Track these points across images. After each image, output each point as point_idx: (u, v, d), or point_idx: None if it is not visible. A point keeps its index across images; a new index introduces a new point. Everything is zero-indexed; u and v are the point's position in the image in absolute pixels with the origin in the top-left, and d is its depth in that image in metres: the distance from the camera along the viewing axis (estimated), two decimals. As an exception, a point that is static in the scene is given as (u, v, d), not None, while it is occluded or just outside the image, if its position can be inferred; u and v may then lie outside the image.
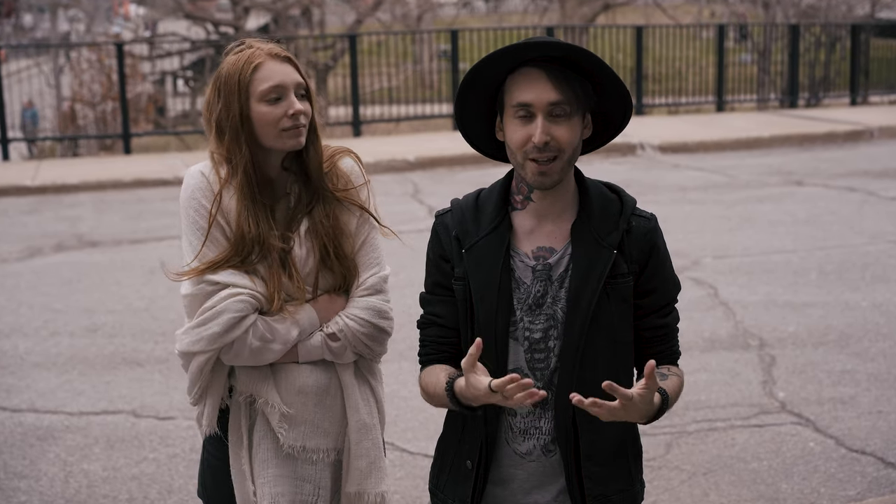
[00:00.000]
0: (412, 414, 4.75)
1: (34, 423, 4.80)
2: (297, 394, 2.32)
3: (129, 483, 4.20)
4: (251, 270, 2.29)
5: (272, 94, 2.25)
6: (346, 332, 2.32)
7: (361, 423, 2.38)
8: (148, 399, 5.05)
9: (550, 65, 2.01)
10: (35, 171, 11.67)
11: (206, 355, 2.27)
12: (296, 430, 2.33)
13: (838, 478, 4.12)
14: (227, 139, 2.27)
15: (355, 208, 2.35)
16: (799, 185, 10.10)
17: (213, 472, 2.43)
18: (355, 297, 2.35)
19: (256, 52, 2.27)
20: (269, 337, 2.26)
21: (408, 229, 8.22)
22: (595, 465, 2.09)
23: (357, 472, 2.38)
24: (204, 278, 2.27)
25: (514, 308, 2.08)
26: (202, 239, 2.27)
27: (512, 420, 2.11)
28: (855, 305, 6.25)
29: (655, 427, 4.57)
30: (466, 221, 2.11)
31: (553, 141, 2.00)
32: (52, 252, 8.10)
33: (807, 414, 4.74)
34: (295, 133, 2.27)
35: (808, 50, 17.17)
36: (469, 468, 2.12)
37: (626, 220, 2.09)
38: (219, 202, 2.28)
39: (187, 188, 2.31)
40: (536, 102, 1.99)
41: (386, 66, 15.64)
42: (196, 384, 2.32)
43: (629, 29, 16.02)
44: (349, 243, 2.34)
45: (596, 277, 2.04)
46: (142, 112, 16.91)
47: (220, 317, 2.24)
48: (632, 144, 12.13)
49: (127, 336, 5.97)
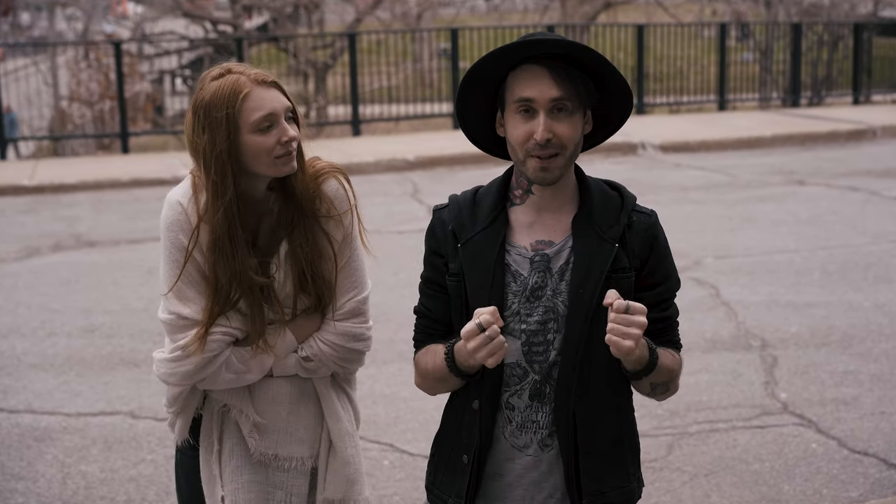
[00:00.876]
0: (412, 415, 4.74)
1: (31, 425, 4.78)
2: (270, 402, 2.35)
3: (127, 484, 4.18)
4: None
5: (264, 123, 2.21)
6: (319, 356, 2.35)
7: (344, 431, 2.39)
8: (146, 400, 5.04)
9: (552, 61, 2.01)
10: (32, 170, 11.65)
11: (179, 388, 2.33)
12: (268, 439, 2.35)
13: (841, 479, 4.11)
14: (212, 173, 2.21)
15: (337, 232, 2.33)
16: (801, 185, 10.08)
17: (186, 475, 2.46)
18: (331, 320, 2.36)
19: (242, 79, 2.20)
20: (242, 368, 2.30)
21: (407, 229, 8.21)
22: (592, 460, 2.09)
23: (343, 479, 2.40)
24: (174, 310, 2.27)
25: (507, 303, 2.08)
26: (177, 274, 2.27)
27: (510, 414, 2.11)
28: (857, 306, 6.23)
29: (657, 428, 4.56)
30: (463, 216, 2.12)
31: (555, 137, 2.01)
32: (49, 252, 8.08)
33: (809, 415, 4.72)
34: (288, 159, 2.25)
35: (811, 49, 17.13)
36: (465, 462, 2.12)
37: (626, 215, 2.10)
38: (196, 237, 2.26)
39: (165, 219, 2.29)
40: (539, 98, 1.99)
41: (385, 64, 15.61)
42: (173, 405, 2.38)
43: (630, 27, 16.00)
44: (328, 267, 2.33)
45: (598, 271, 2.05)
46: (140, 111, 16.89)
47: (194, 356, 2.26)
48: (633, 144, 12.11)
49: (125, 336, 5.96)
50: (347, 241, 2.35)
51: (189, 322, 2.26)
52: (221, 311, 2.27)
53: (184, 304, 2.26)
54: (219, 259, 2.24)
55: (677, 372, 2.16)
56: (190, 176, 2.30)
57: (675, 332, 2.20)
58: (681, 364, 2.18)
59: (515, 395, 2.10)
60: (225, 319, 2.27)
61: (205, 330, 2.25)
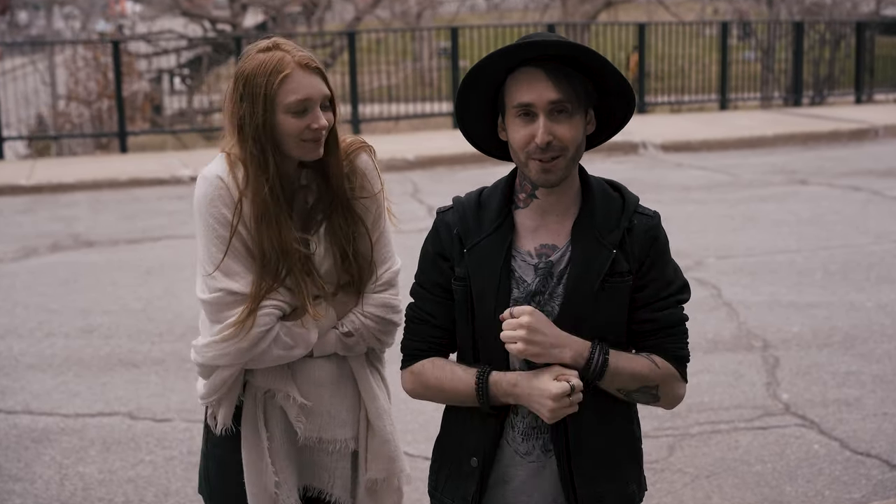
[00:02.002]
0: (412, 416, 4.72)
1: (29, 426, 4.77)
2: (314, 385, 2.36)
3: (126, 486, 4.16)
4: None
5: (299, 106, 2.23)
6: (361, 329, 2.36)
7: (381, 409, 2.42)
8: (144, 401, 5.02)
9: (550, 63, 1.99)
10: (30, 170, 11.65)
11: (231, 369, 2.28)
12: (312, 422, 2.37)
13: (843, 480, 4.09)
14: (250, 145, 2.23)
15: (372, 207, 2.37)
16: (803, 185, 10.07)
17: (220, 466, 2.42)
18: (371, 293, 2.38)
19: (287, 59, 2.23)
20: (291, 343, 2.29)
21: (407, 229, 8.16)
22: (585, 463, 2.09)
23: (385, 457, 2.43)
24: (221, 286, 2.25)
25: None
26: (223, 249, 2.25)
27: (514, 419, 2.11)
28: (860, 306, 6.21)
29: (658, 429, 4.55)
30: (468, 220, 2.11)
31: (556, 140, 1.99)
32: (47, 252, 8.06)
33: (811, 416, 4.70)
34: (315, 146, 2.26)
35: (813, 47, 17.10)
36: (473, 466, 2.12)
37: (627, 219, 2.08)
38: (240, 211, 2.25)
39: (205, 196, 2.26)
40: (537, 102, 1.98)
41: (385, 63, 15.57)
42: (215, 394, 2.32)
43: (631, 26, 15.98)
44: (365, 242, 2.36)
45: (593, 276, 2.04)
46: (138, 110, 16.84)
47: (249, 332, 2.23)
48: (634, 143, 12.09)
49: (123, 337, 5.94)
50: (379, 214, 2.39)
51: (239, 297, 2.24)
52: (271, 287, 2.25)
53: (232, 280, 2.24)
54: (265, 232, 2.24)
55: (654, 379, 2.07)
56: (223, 154, 2.30)
57: (674, 340, 2.11)
58: (665, 374, 2.09)
59: None
60: (274, 293, 2.26)
61: (255, 304, 2.23)
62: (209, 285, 2.26)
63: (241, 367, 2.29)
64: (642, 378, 2.06)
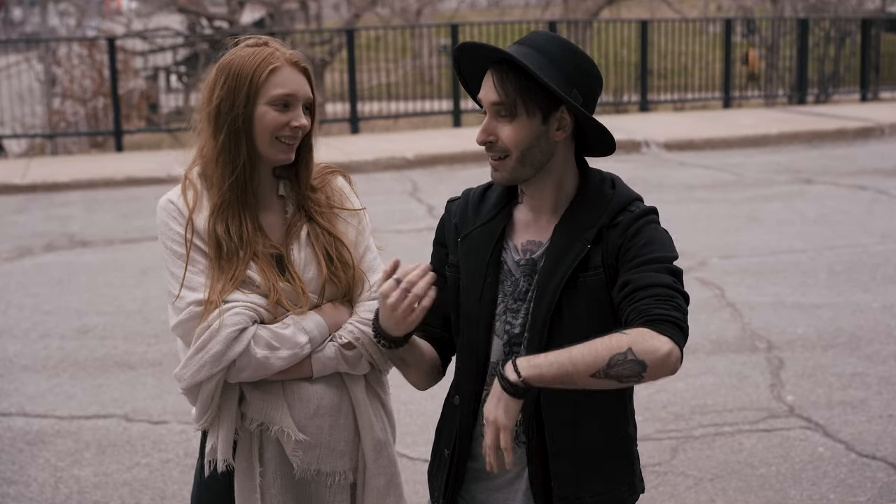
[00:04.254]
0: (411, 418, 4.69)
1: (23, 428, 4.74)
2: (313, 417, 2.25)
3: (121, 489, 4.14)
4: (244, 282, 2.22)
5: (283, 100, 2.20)
6: (361, 339, 2.24)
7: (376, 441, 2.32)
8: (140, 403, 4.99)
9: (501, 64, 2.01)
10: (25, 168, 11.61)
11: (213, 380, 2.19)
12: (310, 454, 2.26)
13: (848, 483, 4.06)
14: (223, 133, 2.20)
15: (352, 219, 2.32)
16: (808, 184, 10.03)
17: (214, 497, 2.34)
18: (364, 300, 2.30)
19: (277, 54, 2.21)
20: (275, 344, 2.18)
21: (407, 228, 8.15)
22: (565, 463, 2.05)
23: (375, 490, 2.32)
24: (188, 300, 2.19)
25: (497, 301, 2.09)
26: (183, 265, 2.22)
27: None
28: (865, 307, 6.18)
29: (660, 431, 4.52)
30: (468, 210, 2.16)
31: (499, 141, 2.02)
32: (42, 252, 8.02)
33: (816, 418, 4.67)
34: (288, 147, 2.23)
35: (818, 45, 17.04)
36: (445, 456, 2.16)
37: (609, 215, 2.03)
38: (192, 227, 2.23)
39: (160, 222, 2.27)
40: (484, 100, 2.04)
41: (384, 61, 15.52)
42: (206, 412, 2.25)
43: (634, 23, 15.92)
44: (349, 254, 2.30)
45: (563, 269, 2.02)
46: (134, 108, 16.82)
47: (219, 334, 2.15)
48: (636, 142, 12.03)
49: (119, 338, 5.91)
50: (362, 229, 2.35)
51: (203, 305, 2.19)
52: (232, 282, 2.19)
53: (198, 292, 2.19)
54: (220, 221, 2.21)
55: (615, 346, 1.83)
56: (183, 177, 2.30)
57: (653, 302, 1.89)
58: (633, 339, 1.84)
59: None
60: (241, 294, 2.19)
61: (220, 302, 2.17)
62: (177, 307, 2.21)
63: (222, 374, 2.19)
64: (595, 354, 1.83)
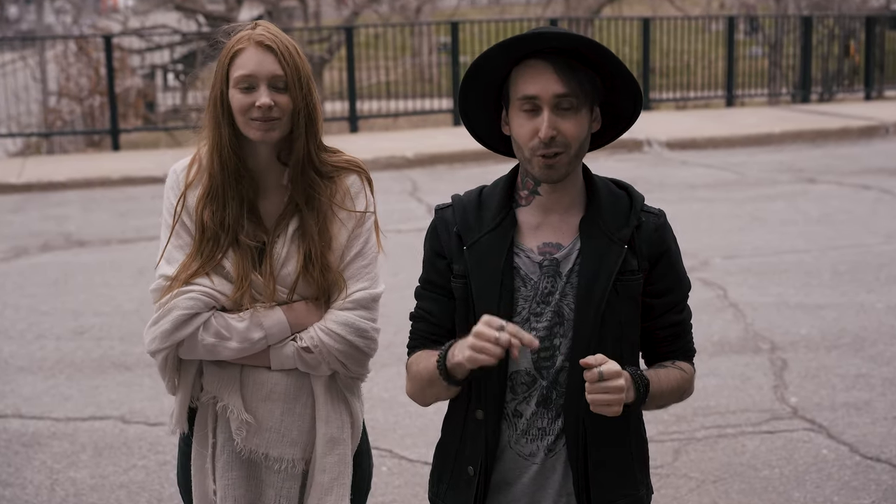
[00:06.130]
0: (410, 420, 4.67)
1: (19, 430, 4.71)
2: (264, 400, 2.30)
3: (118, 491, 4.11)
4: (217, 267, 2.26)
5: (243, 83, 2.23)
6: (320, 347, 2.27)
7: (329, 437, 2.33)
8: (137, 404, 4.97)
9: (556, 56, 1.97)
10: (21, 168, 11.58)
11: (162, 353, 2.27)
12: (259, 437, 2.31)
13: (852, 486, 4.04)
14: (209, 118, 2.28)
15: (349, 221, 2.30)
16: (811, 183, 10.00)
17: (183, 460, 2.42)
18: (335, 308, 2.29)
19: (244, 37, 2.26)
20: (225, 334, 2.24)
21: (406, 228, 8.12)
22: (603, 470, 2.06)
23: (319, 486, 2.33)
24: (161, 273, 2.28)
25: (517, 308, 2.05)
26: (168, 235, 2.29)
27: (516, 421, 2.08)
28: (869, 307, 6.15)
29: (663, 433, 4.50)
30: (469, 217, 2.09)
31: (560, 135, 1.97)
32: (38, 252, 7.99)
33: (820, 420, 4.65)
34: (262, 126, 2.23)
35: (821, 43, 16.99)
36: (471, 475, 2.09)
37: (636, 216, 2.06)
38: (183, 201, 2.28)
39: (165, 187, 2.35)
40: (542, 95, 1.96)
41: (384, 59, 15.49)
42: (164, 379, 2.33)
43: (636, 21, 15.89)
44: (334, 257, 2.28)
45: (607, 274, 2.02)
46: (131, 107, 16.77)
47: (170, 314, 2.23)
48: (638, 140, 12.00)
49: (115, 339, 5.89)
50: (360, 234, 2.32)
51: (170, 281, 2.27)
52: (204, 267, 2.24)
53: (170, 266, 2.28)
54: (207, 206, 2.25)
55: (685, 387, 2.14)
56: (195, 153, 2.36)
57: (688, 338, 2.17)
58: (690, 378, 2.15)
59: (524, 402, 2.07)
60: (208, 280, 2.24)
61: (180, 285, 2.24)
62: (155, 276, 2.31)
63: (170, 350, 2.26)
64: (673, 393, 2.10)
